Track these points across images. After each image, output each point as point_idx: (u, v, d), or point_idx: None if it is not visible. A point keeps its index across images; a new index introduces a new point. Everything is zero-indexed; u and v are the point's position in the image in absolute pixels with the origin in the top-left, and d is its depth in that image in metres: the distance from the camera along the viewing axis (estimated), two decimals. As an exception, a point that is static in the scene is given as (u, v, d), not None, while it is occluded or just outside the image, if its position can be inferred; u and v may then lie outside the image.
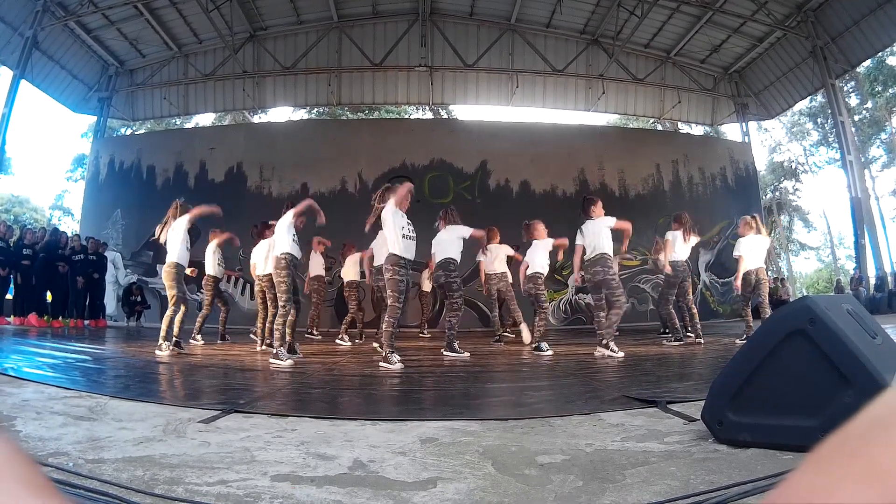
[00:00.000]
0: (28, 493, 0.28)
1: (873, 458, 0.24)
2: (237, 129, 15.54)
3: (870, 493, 0.24)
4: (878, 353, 1.44)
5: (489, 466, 1.47)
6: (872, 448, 0.25)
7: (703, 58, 13.49)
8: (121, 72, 13.40)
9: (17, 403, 2.30)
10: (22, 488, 0.28)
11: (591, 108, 14.25)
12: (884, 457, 0.24)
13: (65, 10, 10.94)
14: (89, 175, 12.75)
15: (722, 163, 12.85)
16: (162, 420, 2.02)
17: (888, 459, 0.24)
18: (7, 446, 0.30)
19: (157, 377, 3.62)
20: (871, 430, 0.26)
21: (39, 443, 1.68)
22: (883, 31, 10.60)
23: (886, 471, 0.24)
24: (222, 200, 11.02)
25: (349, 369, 4.12)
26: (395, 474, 1.41)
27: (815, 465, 0.27)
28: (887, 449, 0.24)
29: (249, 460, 1.52)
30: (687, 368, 3.93)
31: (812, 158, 26.20)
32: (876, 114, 22.09)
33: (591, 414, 2.15)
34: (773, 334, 1.57)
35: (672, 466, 1.44)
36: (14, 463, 0.29)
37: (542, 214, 11.15)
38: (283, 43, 13.25)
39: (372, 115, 19.99)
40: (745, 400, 1.59)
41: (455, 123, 15.45)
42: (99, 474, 1.34)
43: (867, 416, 0.27)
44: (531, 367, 4.15)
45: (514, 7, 12.44)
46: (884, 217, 22.95)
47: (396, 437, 1.80)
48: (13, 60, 10.42)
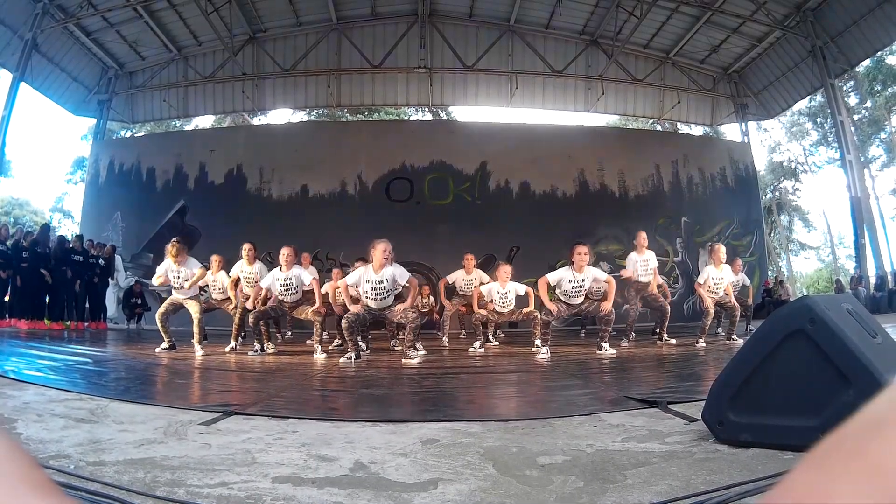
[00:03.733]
0: (30, 493, 0.28)
1: (872, 458, 0.25)
2: (237, 131, 15.55)
3: (869, 492, 0.24)
4: (879, 353, 1.44)
5: (490, 467, 1.47)
6: (872, 447, 0.25)
7: (702, 58, 13.49)
8: (120, 74, 13.40)
9: (18, 406, 2.30)
10: (24, 487, 0.28)
11: (591, 108, 14.25)
12: (883, 456, 0.24)
13: (64, 12, 10.93)
14: (89, 177, 12.76)
15: (721, 163, 12.85)
16: (163, 422, 2.02)
17: (887, 459, 0.24)
18: (8, 446, 0.30)
19: (157, 379, 3.62)
20: (871, 430, 0.26)
21: (40, 445, 1.68)
22: (882, 30, 10.60)
23: (886, 470, 0.24)
24: (222, 203, 11.24)
25: (349, 371, 4.12)
26: (396, 475, 1.41)
27: (813, 464, 0.27)
28: (887, 448, 0.25)
29: (250, 462, 1.52)
30: (687, 368, 3.93)
31: (812, 158, 26.18)
32: (875, 113, 22.07)
33: (592, 415, 2.15)
34: (774, 334, 1.57)
35: (673, 467, 1.44)
36: (16, 462, 0.29)
37: (542, 215, 11.32)
38: (282, 45, 13.25)
39: (371, 116, 19.99)
40: (746, 400, 1.59)
41: (455, 125, 15.47)
42: (100, 476, 1.34)
43: (866, 416, 0.27)
44: (531, 368, 4.15)
45: (513, 8, 12.44)
46: (884, 216, 22.91)
47: (397, 439, 1.80)
48: (13, 63, 10.42)
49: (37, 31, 10.40)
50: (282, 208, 11.28)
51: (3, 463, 0.29)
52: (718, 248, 5.92)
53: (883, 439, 0.25)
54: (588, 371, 3.85)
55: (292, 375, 3.79)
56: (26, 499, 0.28)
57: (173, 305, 5.46)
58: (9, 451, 0.29)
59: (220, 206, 11.24)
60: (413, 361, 4.40)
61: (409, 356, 4.50)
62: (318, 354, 4.91)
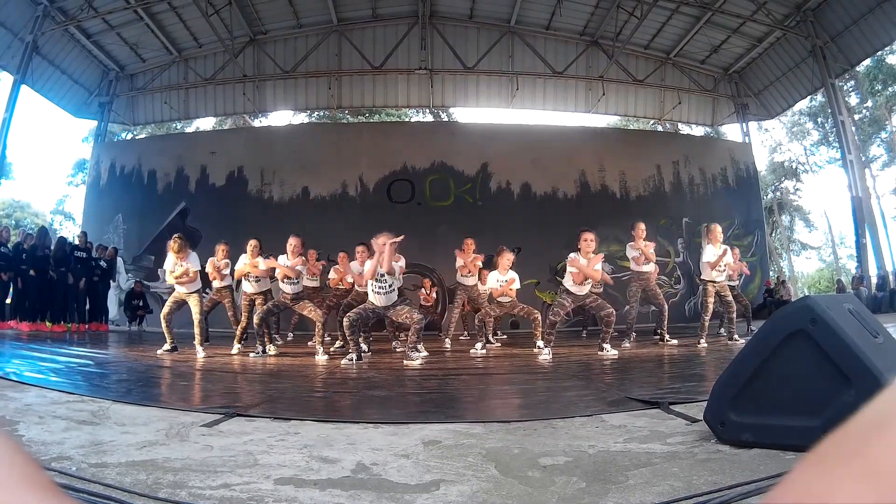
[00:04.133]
0: (32, 495, 0.28)
1: (873, 458, 0.25)
2: (238, 133, 15.56)
3: (869, 492, 0.24)
4: (880, 352, 1.44)
5: (492, 468, 1.47)
6: (872, 447, 0.25)
7: (702, 58, 13.49)
8: (121, 76, 13.43)
9: (20, 408, 2.30)
10: (26, 489, 0.28)
11: (592, 109, 14.25)
12: (884, 456, 0.24)
13: (65, 14, 10.96)
14: (90, 180, 12.77)
15: (722, 163, 12.84)
16: (165, 424, 2.02)
17: (888, 459, 0.24)
18: (10, 448, 0.30)
19: (159, 381, 3.62)
20: (872, 430, 0.26)
21: (42, 447, 1.68)
22: (882, 29, 10.60)
23: (886, 470, 0.24)
24: (223, 205, 11.23)
25: (351, 372, 4.12)
26: (398, 477, 1.41)
27: (814, 464, 0.27)
28: (887, 448, 0.25)
29: (252, 464, 1.53)
30: (688, 369, 3.93)
31: (812, 158, 26.15)
32: (876, 113, 22.05)
33: (594, 415, 2.15)
34: (775, 334, 1.57)
35: (675, 467, 1.44)
36: (18, 464, 0.29)
37: (544, 217, 11.30)
38: (282, 46, 13.27)
39: (372, 118, 20.00)
40: (747, 400, 1.59)
41: (455, 126, 15.46)
42: (102, 478, 1.34)
43: (867, 416, 0.27)
44: (533, 370, 4.14)
45: (513, 9, 12.44)
46: (885, 216, 22.87)
47: (399, 440, 1.80)
48: (14, 65, 10.45)
49: (37, 34, 10.43)
50: (283, 210, 11.28)
51: (4, 465, 0.29)
52: (715, 227, 5.92)
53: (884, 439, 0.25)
54: (590, 372, 3.85)
55: (294, 377, 3.79)
56: (28, 501, 0.28)
57: (176, 303, 5.53)
58: (10, 453, 0.29)
59: (221, 208, 11.24)
60: (415, 363, 4.41)
61: (411, 357, 4.51)
62: (320, 356, 4.92)
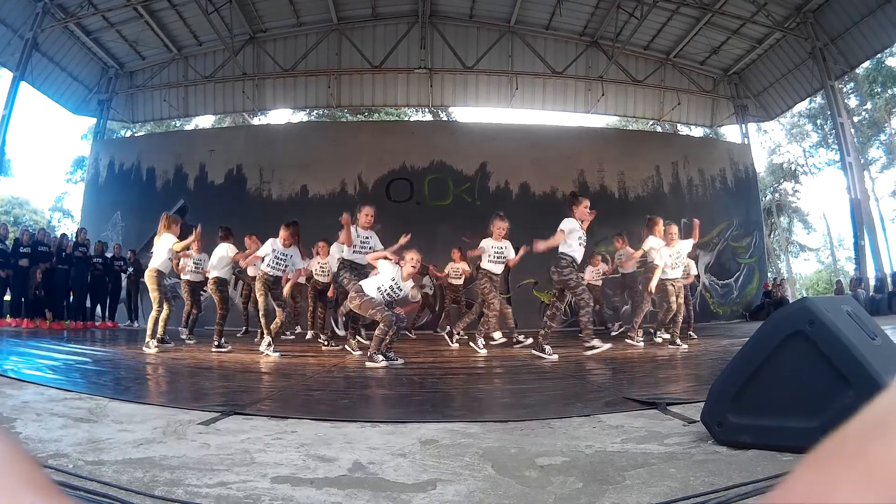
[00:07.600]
0: (29, 492, 0.28)
1: (872, 459, 0.25)
2: (237, 131, 15.54)
3: (869, 493, 0.24)
4: (878, 354, 1.44)
5: (489, 468, 1.47)
6: (871, 448, 0.25)
7: (702, 59, 13.51)
8: (120, 74, 13.42)
9: (18, 405, 2.30)
10: (23, 487, 0.28)
11: (591, 109, 14.26)
12: (883, 457, 0.24)
13: (65, 11, 10.94)
14: (89, 177, 12.76)
15: (721, 164, 12.86)
16: (162, 422, 2.02)
17: (887, 460, 0.24)
18: (8, 445, 0.30)
19: (156, 379, 3.62)
20: (870, 431, 0.26)
21: (39, 444, 1.68)
22: (882, 32, 10.61)
23: (886, 471, 0.24)
24: (222, 203, 11.23)
25: (349, 371, 4.12)
26: (395, 476, 1.41)
27: (813, 465, 0.27)
28: (886, 449, 0.25)
29: (249, 462, 1.52)
30: (687, 370, 3.93)
31: (811, 160, 26.20)
32: (875, 115, 22.08)
33: (591, 416, 2.15)
34: (773, 336, 1.57)
35: (672, 468, 1.44)
36: (15, 461, 0.29)
37: (542, 216, 11.26)
38: (282, 45, 13.27)
39: (371, 117, 20.00)
40: (745, 401, 1.59)
41: (455, 125, 15.46)
42: (99, 476, 1.34)
43: (866, 417, 0.27)
44: (531, 369, 4.14)
45: (513, 9, 12.45)
46: (883, 218, 22.93)
47: (396, 439, 1.80)
48: (13, 62, 10.43)
49: (37, 31, 10.41)
50: (282, 208, 11.25)
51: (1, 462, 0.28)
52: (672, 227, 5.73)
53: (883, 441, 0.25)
54: (587, 372, 3.85)
55: (292, 375, 3.79)
56: (25, 498, 0.28)
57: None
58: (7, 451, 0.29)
59: (220, 206, 11.21)
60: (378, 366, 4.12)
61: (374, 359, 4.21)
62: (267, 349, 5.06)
